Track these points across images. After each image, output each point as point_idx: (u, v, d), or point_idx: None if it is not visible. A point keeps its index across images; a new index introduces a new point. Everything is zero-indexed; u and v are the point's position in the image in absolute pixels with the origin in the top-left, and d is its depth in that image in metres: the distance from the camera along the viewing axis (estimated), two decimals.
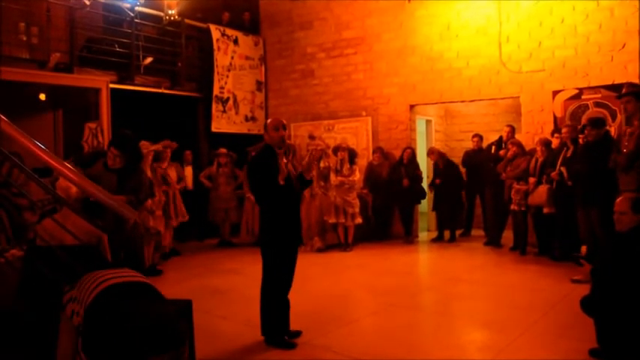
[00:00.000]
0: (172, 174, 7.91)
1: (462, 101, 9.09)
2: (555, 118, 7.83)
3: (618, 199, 3.63)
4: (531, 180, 7.10)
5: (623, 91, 5.53)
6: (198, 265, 7.44)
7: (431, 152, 9.13)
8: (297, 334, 4.23)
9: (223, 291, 5.90)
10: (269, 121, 4.19)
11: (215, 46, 9.83)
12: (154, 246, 7.04)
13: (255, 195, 4.20)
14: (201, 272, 6.92)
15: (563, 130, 6.80)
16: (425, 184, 9.30)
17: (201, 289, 5.83)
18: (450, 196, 8.76)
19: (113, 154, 4.58)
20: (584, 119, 7.24)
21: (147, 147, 6.96)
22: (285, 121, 4.22)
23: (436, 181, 8.86)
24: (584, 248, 4.02)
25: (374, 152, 9.25)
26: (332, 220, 8.22)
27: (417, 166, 8.92)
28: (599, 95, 7.47)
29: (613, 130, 7.05)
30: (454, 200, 8.84)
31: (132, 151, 4.74)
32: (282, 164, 3.94)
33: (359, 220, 8.38)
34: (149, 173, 6.96)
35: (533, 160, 7.20)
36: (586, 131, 6.03)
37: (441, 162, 8.89)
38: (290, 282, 4.13)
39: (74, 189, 4.63)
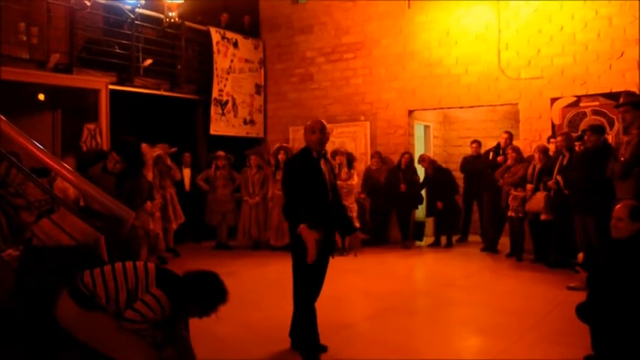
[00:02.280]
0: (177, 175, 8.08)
1: (461, 107, 9.12)
2: (553, 125, 7.86)
3: (618, 206, 3.63)
4: (529, 187, 7.12)
5: (621, 100, 5.55)
6: (194, 267, 7.40)
7: (422, 160, 9.04)
8: (323, 349, 3.98)
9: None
10: (308, 122, 3.99)
11: (215, 49, 9.85)
12: (148, 248, 7.02)
13: (285, 199, 3.95)
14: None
15: (559, 138, 6.82)
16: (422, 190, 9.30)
17: None
18: (442, 201, 8.72)
19: (114, 160, 4.56)
20: (582, 127, 7.27)
21: (148, 152, 6.96)
22: (324, 123, 3.94)
23: (423, 190, 8.88)
24: (580, 255, 4.02)
25: (372, 157, 9.26)
26: None
27: (414, 171, 8.92)
28: (597, 103, 7.50)
29: (611, 138, 7.07)
30: (447, 206, 8.80)
31: (133, 158, 4.71)
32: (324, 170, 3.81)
33: (357, 224, 8.38)
34: (150, 177, 6.96)
35: (531, 167, 7.23)
36: (586, 137, 6.05)
37: (431, 169, 8.86)
38: (318, 291, 3.92)
39: (72, 189, 4.64)
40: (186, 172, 8.96)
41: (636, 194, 4.92)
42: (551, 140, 7.27)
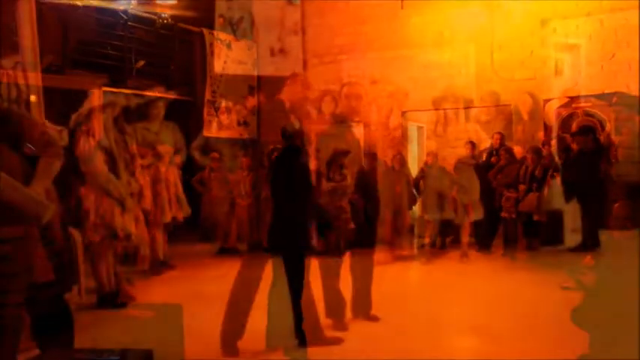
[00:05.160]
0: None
1: (455, 108, 9.14)
2: (546, 126, 7.90)
3: (616, 205, 3.62)
4: (521, 187, 7.15)
5: (614, 100, 5.59)
6: (188, 270, 7.38)
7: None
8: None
9: (213, 296, 5.83)
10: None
11: (208, 51, 9.81)
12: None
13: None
14: (191, 277, 6.87)
15: (552, 142, 6.86)
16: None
17: (190, 294, 5.78)
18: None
19: None
20: (574, 127, 7.31)
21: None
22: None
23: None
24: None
25: (365, 158, 9.23)
26: None
27: (408, 172, 8.91)
28: (589, 104, 7.55)
29: (602, 138, 7.11)
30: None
31: None
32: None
33: (351, 225, 8.35)
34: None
35: (524, 168, 7.26)
36: (578, 138, 6.09)
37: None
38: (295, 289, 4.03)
39: None
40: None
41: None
42: (545, 147, 7.30)
